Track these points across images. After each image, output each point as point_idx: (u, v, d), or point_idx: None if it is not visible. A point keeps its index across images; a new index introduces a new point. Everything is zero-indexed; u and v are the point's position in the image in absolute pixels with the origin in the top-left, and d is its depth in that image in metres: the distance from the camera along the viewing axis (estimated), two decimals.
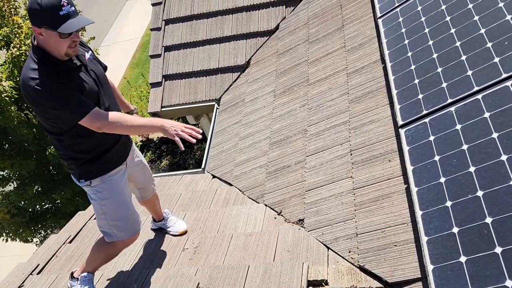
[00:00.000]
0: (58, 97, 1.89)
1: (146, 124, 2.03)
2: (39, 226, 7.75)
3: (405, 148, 2.26)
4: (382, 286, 2.02)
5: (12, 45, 6.15)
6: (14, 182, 7.21)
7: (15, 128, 6.21)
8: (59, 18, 1.80)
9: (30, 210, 7.52)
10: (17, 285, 2.68)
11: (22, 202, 7.09)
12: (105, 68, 2.33)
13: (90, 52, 2.18)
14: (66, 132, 2.03)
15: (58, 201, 7.27)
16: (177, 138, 1.99)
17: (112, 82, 2.50)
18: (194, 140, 1.97)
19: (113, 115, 1.99)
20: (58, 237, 3.17)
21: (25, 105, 6.58)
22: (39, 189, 7.26)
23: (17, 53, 6.01)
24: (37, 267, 2.86)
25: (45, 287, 2.60)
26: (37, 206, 7.52)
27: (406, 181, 2.30)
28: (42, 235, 8.00)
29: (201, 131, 1.96)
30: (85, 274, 2.37)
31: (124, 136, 2.27)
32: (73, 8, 1.85)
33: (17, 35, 6.22)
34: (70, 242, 3.14)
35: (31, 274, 2.78)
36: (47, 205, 7.68)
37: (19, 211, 7.30)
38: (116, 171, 2.24)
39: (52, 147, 6.35)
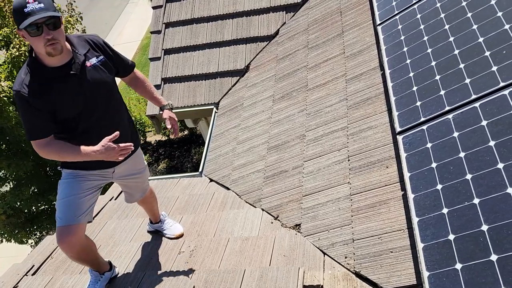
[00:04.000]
0: (20, 109, 1.97)
1: (80, 157, 2.03)
2: (35, 227, 7.71)
3: (403, 154, 2.27)
4: None
5: (11, 45, 6.16)
6: (11, 183, 7.19)
7: (12, 128, 6.20)
8: (23, 16, 1.81)
9: (26, 211, 7.49)
10: (12, 285, 2.67)
11: (18, 203, 7.06)
12: (130, 66, 2.30)
13: (100, 57, 2.10)
14: None
15: (54, 202, 7.24)
16: (118, 155, 2.05)
17: (144, 77, 2.42)
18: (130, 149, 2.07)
19: (51, 149, 2.02)
20: (53, 238, 3.16)
21: None
22: (36, 190, 7.24)
23: (17, 53, 6.02)
24: (32, 268, 2.84)
25: None
26: (33, 207, 7.49)
27: (403, 187, 2.31)
28: (37, 236, 7.96)
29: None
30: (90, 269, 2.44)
31: None
32: (40, 5, 1.82)
33: (17, 36, 6.23)
34: None
35: (25, 275, 2.77)
36: (43, 206, 7.65)
37: (15, 212, 7.27)
38: (89, 172, 2.23)
39: None
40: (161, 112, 2.46)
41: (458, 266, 1.67)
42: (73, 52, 2.01)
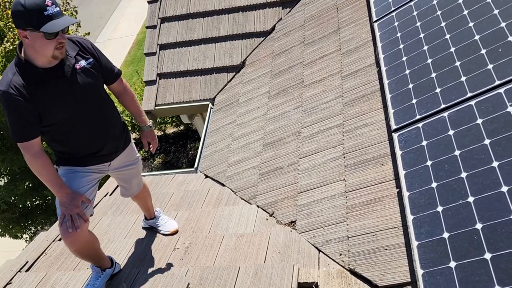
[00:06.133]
0: (6, 110, 1.93)
1: (52, 187, 2.08)
2: (29, 222, 7.69)
3: (398, 152, 2.27)
4: None
5: (6, 39, 6.10)
6: (5, 178, 7.15)
7: (6, 123, 6.15)
8: (43, 19, 1.78)
9: (20, 206, 7.46)
10: (5, 282, 2.65)
11: (13, 198, 7.03)
12: (116, 74, 2.27)
13: (89, 60, 2.09)
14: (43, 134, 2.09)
15: (49, 197, 7.22)
16: (62, 215, 2.08)
17: (132, 92, 2.42)
18: (70, 230, 2.07)
19: (37, 161, 2.01)
20: (48, 234, 3.15)
21: None
22: (30, 185, 7.20)
23: (11, 47, 5.95)
24: (25, 264, 2.83)
25: (33, 285, 2.57)
26: (28, 202, 7.46)
27: (398, 185, 2.31)
28: (32, 231, 7.94)
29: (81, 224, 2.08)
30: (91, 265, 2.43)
31: (106, 149, 2.25)
32: (57, 9, 1.82)
33: (11, 29, 6.16)
34: (60, 239, 3.11)
35: (19, 271, 2.75)
36: (38, 201, 7.62)
37: (9, 207, 7.24)
38: (86, 168, 2.23)
39: (43, 142, 6.31)
40: (141, 132, 2.53)
41: (452, 264, 1.68)
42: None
